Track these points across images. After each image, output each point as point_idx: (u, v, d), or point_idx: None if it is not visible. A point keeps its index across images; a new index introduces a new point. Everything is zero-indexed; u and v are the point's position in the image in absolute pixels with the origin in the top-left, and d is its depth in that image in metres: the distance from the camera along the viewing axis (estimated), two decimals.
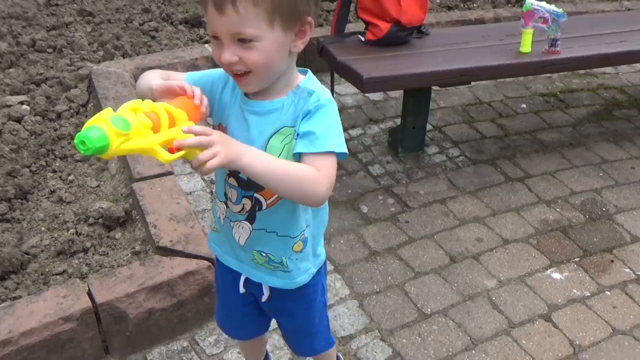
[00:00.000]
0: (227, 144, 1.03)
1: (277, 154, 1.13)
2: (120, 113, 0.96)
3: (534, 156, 2.83)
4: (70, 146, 2.54)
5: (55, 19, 3.53)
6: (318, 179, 1.09)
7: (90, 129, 0.90)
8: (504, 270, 2.20)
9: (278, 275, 1.30)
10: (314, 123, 1.10)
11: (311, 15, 1.09)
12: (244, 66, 1.07)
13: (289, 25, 1.06)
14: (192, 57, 3.11)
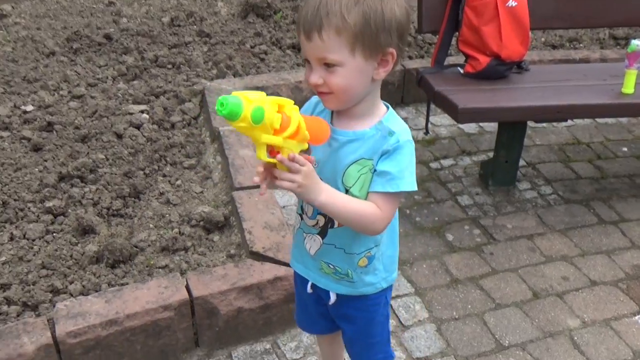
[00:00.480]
0: (310, 180, 1.17)
1: (353, 182, 1.25)
2: (266, 105, 1.07)
3: (631, 200, 2.76)
4: (180, 154, 2.77)
5: (176, 38, 3.86)
6: (378, 218, 1.24)
7: (236, 99, 1.04)
8: (588, 312, 2.16)
9: (343, 284, 1.41)
10: (391, 164, 1.22)
11: (393, 47, 1.19)
12: (327, 88, 1.20)
13: (370, 54, 1.17)
14: (296, 79, 3.30)
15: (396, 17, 1.16)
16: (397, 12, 1.17)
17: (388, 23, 1.16)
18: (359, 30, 1.14)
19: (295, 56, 3.70)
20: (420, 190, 2.81)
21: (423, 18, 2.76)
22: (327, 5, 1.14)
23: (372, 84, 1.23)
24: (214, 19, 4.21)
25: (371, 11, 1.14)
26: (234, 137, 2.73)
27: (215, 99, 3.03)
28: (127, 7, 4.43)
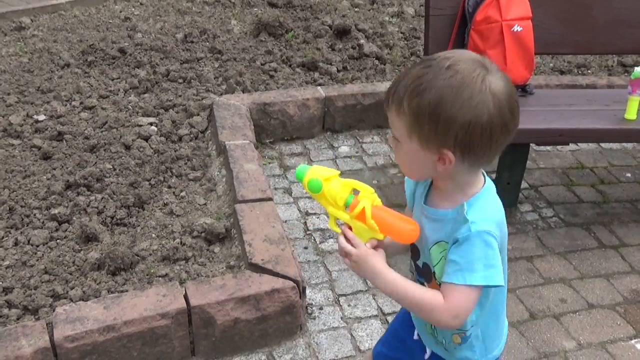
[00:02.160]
0: (360, 265, 1.23)
1: (436, 262, 1.23)
2: (333, 181, 1.24)
3: (632, 226, 2.76)
4: (186, 166, 2.82)
5: (189, 54, 3.94)
6: (437, 308, 1.17)
7: (303, 169, 1.27)
8: (585, 334, 2.16)
9: (440, 348, 1.37)
10: (459, 253, 1.15)
11: (448, 148, 1.12)
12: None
13: (427, 146, 1.13)
14: (304, 97, 3.35)
15: (462, 121, 1.09)
16: (467, 116, 1.08)
17: (445, 124, 1.10)
18: (413, 121, 1.12)
19: (305, 74, 3.76)
20: None
21: (430, 41, 2.81)
22: (399, 85, 1.14)
23: (445, 169, 1.16)
24: (227, 37, 4.29)
25: (430, 107, 1.10)
26: (239, 152, 2.77)
27: (222, 114, 3.08)
28: (143, 23, 4.53)
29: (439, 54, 1.14)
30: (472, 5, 2.68)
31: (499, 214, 1.19)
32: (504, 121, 1.11)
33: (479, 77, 1.09)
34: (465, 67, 1.10)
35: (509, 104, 1.11)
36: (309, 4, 5.02)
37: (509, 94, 1.11)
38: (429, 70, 1.11)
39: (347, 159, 3.22)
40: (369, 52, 4.01)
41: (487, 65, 1.12)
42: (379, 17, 4.84)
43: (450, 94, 1.09)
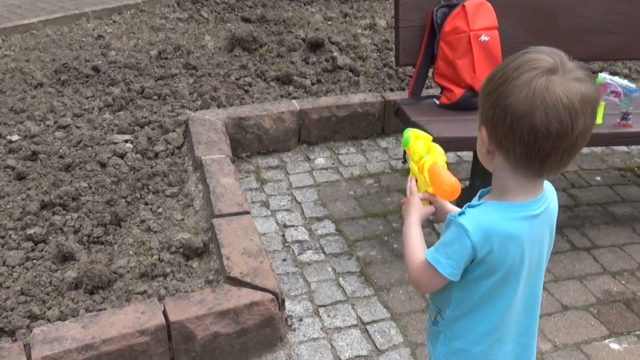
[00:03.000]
0: (405, 210, 1.40)
1: None
2: (420, 140, 1.44)
3: (603, 228, 2.83)
4: (162, 182, 2.82)
5: (163, 70, 3.95)
6: (410, 267, 1.30)
7: (409, 131, 1.48)
8: (560, 336, 2.20)
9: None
10: (442, 232, 1.25)
11: (484, 125, 1.15)
12: None
13: (479, 124, 1.19)
14: (279, 110, 3.37)
15: (494, 99, 1.10)
16: (504, 99, 1.08)
17: (482, 96, 1.15)
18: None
19: (279, 88, 3.79)
20: (398, 218, 2.86)
21: (400, 52, 2.86)
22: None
23: (492, 162, 1.18)
24: (201, 52, 4.31)
25: (485, 87, 1.15)
26: (215, 166, 2.78)
27: (198, 129, 3.09)
28: (116, 41, 4.53)
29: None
30: (440, 16, 2.74)
31: (497, 229, 1.15)
32: (545, 123, 1.05)
33: (541, 72, 1.06)
34: (536, 58, 1.09)
35: (564, 109, 1.04)
36: (282, 19, 5.07)
37: (571, 100, 1.04)
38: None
39: (323, 170, 3.25)
40: (343, 65, 4.06)
41: (565, 67, 1.07)
42: (352, 29, 4.90)
43: (503, 75, 1.09)
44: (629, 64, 4.44)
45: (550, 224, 1.24)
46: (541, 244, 1.23)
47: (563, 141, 1.07)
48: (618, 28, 2.96)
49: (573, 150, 1.11)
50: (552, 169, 1.13)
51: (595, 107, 1.10)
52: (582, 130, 1.08)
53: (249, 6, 5.55)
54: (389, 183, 3.16)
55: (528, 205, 1.18)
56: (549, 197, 1.23)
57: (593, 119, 1.10)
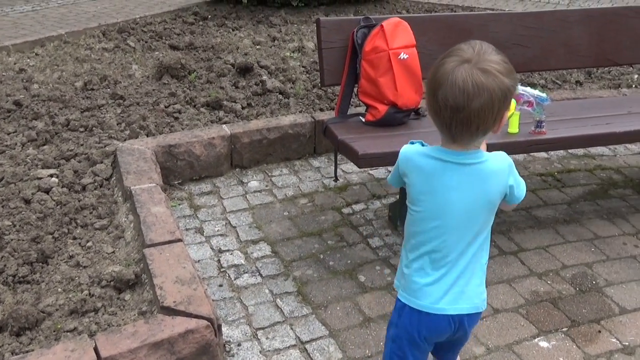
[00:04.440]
0: None
1: None
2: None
3: (528, 231, 2.95)
4: (91, 215, 2.76)
5: (89, 102, 3.88)
6: None
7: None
8: (492, 339, 2.28)
9: None
10: None
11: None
12: None
13: None
14: (209, 136, 3.37)
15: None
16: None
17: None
18: None
19: (210, 113, 3.78)
20: (333, 235, 2.90)
21: (325, 72, 2.92)
22: None
23: None
24: (129, 82, 4.26)
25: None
26: (145, 196, 2.75)
27: (127, 159, 3.05)
28: (39, 74, 4.42)
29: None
30: (360, 37, 2.82)
31: (412, 157, 1.54)
32: (443, 98, 1.39)
33: (458, 59, 1.39)
34: (461, 48, 1.43)
35: (458, 90, 1.37)
36: (211, 45, 5.09)
37: (465, 84, 1.36)
38: None
39: (257, 193, 3.26)
40: (272, 88, 4.10)
41: (480, 59, 1.39)
42: (281, 53, 4.96)
43: (438, 60, 1.46)
44: (545, 75, 4.68)
45: (477, 182, 1.49)
46: (459, 192, 1.49)
47: (458, 114, 1.38)
48: (528, 41, 3.13)
49: (470, 123, 1.40)
50: (458, 135, 1.44)
51: (495, 94, 1.37)
52: (476, 110, 1.37)
53: (177, 33, 5.54)
54: (323, 202, 3.20)
55: (446, 151, 1.49)
56: (485, 162, 1.49)
57: (490, 103, 1.37)
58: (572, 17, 3.21)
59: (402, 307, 1.60)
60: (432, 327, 1.57)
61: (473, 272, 1.55)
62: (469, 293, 1.55)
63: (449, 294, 1.54)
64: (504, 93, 1.38)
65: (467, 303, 1.55)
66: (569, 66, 3.57)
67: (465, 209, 1.49)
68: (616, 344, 2.26)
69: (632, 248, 2.85)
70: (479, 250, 1.55)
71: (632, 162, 3.71)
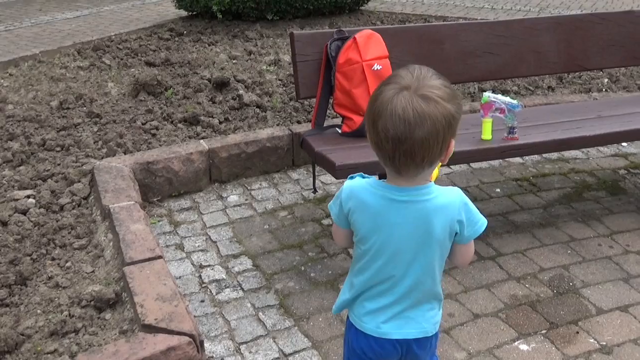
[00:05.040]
0: None
1: None
2: None
3: (505, 236, 2.99)
4: (70, 235, 2.74)
5: (65, 121, 3.86)
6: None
7: None
8: (473, 343, 2.30)
9: None
10: None
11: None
12: None
13: None
14: (187, 151, 3.37)
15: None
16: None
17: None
18: None
19: (187, 129, 3.79)
20: (314, 247, 2.91)
21: (300, 85, 2.95)
22: None
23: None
24: (105, 100, 4.25)
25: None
26: (124, 214, 2.74)
27: (104, 177, 3.04)
28: (14, 94, 4.39)
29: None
30: (334, 49, 2.86)
31: (357, 194, 1.46)
32: (384, 129, 1.31)
33: (396, 87, 1.33)
34: (400, 74, 1.37)
35: (398, 119, 1.29)
36: (186, 60, 5.09)
37: (406, 113, 1.29)
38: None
39: (236, 207, 3.27)
40: (249, 102, 4.12)
41: (420, 85, 1.32)
42: (257, 66, 4.98)
43: (376, 89, 1.40)
44: (517, 82, 4.76)
45: (422, 220, 1.43)
46: (404, 230, 1.43)
47: (401, 146, 1.30)
48: (499, 49, 3.20)
49: (414, 154, 1.32)
50: (403, 168, 1.36)
51: (439, 122, 1.29)
52: (420, 140, 1.29)
53: (153, 50, 5.54)
54: (303, 213, 3.21)
55: (392, 188, 1.42)
56: (432, 199, 1.42)
57: (434, 132, 1.29)
58: (541, 24, 3.29)
59: (350, 327, 1.58)
60: (377, 350, 1.53)
61: (423, 299, 1.51)
62: (418, 319, 1.51)
63: (394, 319, 1.51)
64: (447, 120, 1.30)
65: (415, 328, 1.51)
66: (540, 72, 3.65)
67: (410, 247, 1.44)
68: (594, 344, 2.30)
69: (607, 249, 2.90)
70: (432, 284, 1.51)
71: (605, 165, 3.79)
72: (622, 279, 2.69)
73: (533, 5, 8.23)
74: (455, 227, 1.44)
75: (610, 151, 3.99)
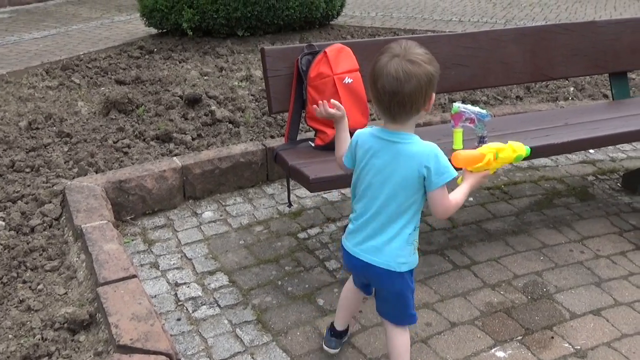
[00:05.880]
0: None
1: None
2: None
3: (479, 244, 3.03)
4: (41, 257, 2.69)
5: (35, 141, 3.80)
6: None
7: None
8: (450, 352, 2.32)
9: None
10: None
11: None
12: None
13: None
14: (160, 169, 3.35)
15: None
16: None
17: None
18: None
19: (160, 147, 3.76)
20: (290, 261, 2.91)
21: (272, 100, 2.96)
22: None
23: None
24: (75, 119, 4.21)
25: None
26: (97, 233, 2.70)
27: (76, 197, 3.00)
28: None
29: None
30: (305, 63, 2.88)
31: (359, 134, 1.97)
32: (381, 87, 1.77)
33: (389, 55, 1.78)
34: (392, 46, 1.81)
35: (392, 79, 1.73)
36: (158, 78, 5.07)
37: (397, 73, 1.73)
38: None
39: (212, 223, 3.25)
40: (222, 117, 4.11)
41: (407, 52, 1.76)
42: (229, 82, 4.99)
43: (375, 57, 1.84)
44: (486, 92, 4.85)
45: (394, 157, 1.84)
46: (380, 161, 1.86)
47: (395, 98, 1.75)
48: (467, 61, 3.25)
49: (404, 104, 1.76)
50: (397, 115, 1.80)
51: (422, 79, 1.74)
52: (408, 92, 1.74)
53: (123, 68, 5.51)
54: (278, 228, 3.21)
55: (383, 131, 1.87)
56: (407, 144, 1.83)
57: (419, 87, 1.74)
58: (506, 36, 3.36)
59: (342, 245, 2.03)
60: (349, 264, 2.01)
61: (394, 237, 1.87)
62: (385, 251, 1.88)
63: (365, 244, 1.91)
64: (428, 77, 1.75)
65: (380, 258, 1.89)
66: (507, 82, 3.72)
67: (382, 176, 1.85)
68: (569, 348, 2.34)
69: (579, 254, 2.96)
70: (396, 210, 1.86)
71: (574, 172, 3.87)
72: (594, 283, 2.73)
73: (499, 17, 8.41)
74: (422, 172, 1.80)
75: (579, 158, 4.08)
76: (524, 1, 9.84)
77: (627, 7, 9.23)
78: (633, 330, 2.44)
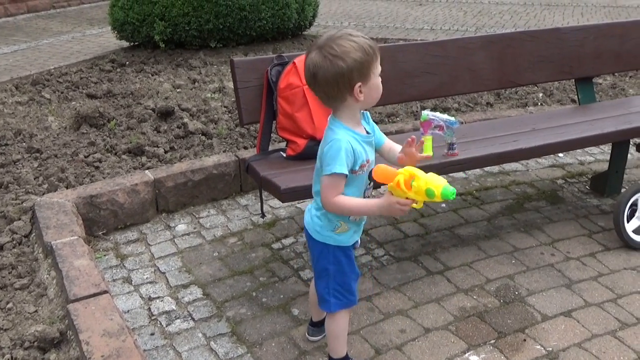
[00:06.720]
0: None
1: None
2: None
3: (452, 250, 3.06)
4: (10, 275, 2.65)
5: (3, 157, 3.75)
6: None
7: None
8: (425, 358, 2.33)
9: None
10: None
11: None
12: None
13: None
14: (132, 183, 3.32)
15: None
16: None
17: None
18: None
19: (132, 160, 3.74)
20: (264, 271, 2.90)
21: (243, 111, 2.96)
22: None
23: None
24: (45, 134, 4.16)
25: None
26: (67, 249, 2.67)
27: (46, 213, 2.96)
28: None
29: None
30: (274, 74, 2.89)
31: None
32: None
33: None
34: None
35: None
36: (130, 91, 5.04)
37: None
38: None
39: (185, 236, 3.23)
40: (195, 130, 4.10)
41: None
42: (202, 94, 4.98)
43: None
44: (457, 99, 4.91)
45: (323, 139, 1.97)
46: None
47: (312, 87, 1.89)
48: (435, 69, 3.29)
49: (320, 94, 1.89)
50: (324, 102, 1.93)
51: (328, 72, 1.78)
52: (320, 84, 1.84)
53: (94, 82, 5.47)
54: (252, 239, 3.20)
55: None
56: (329, 131, 1.93)
57: (325, 80, 1.80)
58: (474, 43, 3.41)
59: None
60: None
61: (314, 209, 2.04)
62: (310, 210, 2.05)
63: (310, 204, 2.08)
64: (337, 71, 1.75)
65: (306, 217, 2.07)
66: (476, 89, 3.77)
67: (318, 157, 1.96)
68: (541, 350, 2.36)
69: (549, 257, 3.00)
70: (315, 188, 2.00)
71: (543, 175, 3.93)
72: (564, 285, 2.78)
73: (470, 25, 8.53)
74: (321, 155, 1.91)
75: (548, 162, 4.14)
76: (494, 9, 10.01)
77: (593, 14, 9.43)
78: (603, 330, 2.48)
